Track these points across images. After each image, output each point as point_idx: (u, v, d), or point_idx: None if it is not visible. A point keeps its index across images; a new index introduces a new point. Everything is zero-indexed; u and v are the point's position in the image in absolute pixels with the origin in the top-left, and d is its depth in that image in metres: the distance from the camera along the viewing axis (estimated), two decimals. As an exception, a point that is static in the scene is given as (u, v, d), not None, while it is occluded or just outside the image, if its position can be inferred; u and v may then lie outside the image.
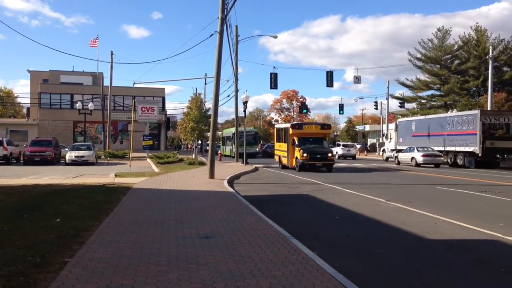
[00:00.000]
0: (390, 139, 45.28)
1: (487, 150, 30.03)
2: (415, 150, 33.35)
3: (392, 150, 40.99)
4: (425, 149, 33.19)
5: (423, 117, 41.18)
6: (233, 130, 43.13)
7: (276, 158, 32.16)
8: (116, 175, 20.77)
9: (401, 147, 38.32)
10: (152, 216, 9.82)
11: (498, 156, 31.40)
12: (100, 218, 9.33)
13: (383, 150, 45.48)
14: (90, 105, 44.11)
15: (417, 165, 32.22)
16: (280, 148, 30.67)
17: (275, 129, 37.40)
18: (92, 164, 30.61)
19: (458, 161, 32.25)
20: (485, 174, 25.07)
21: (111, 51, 45.93)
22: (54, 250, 6.53)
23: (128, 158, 26.91)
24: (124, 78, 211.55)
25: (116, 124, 55.18)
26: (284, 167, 28.59)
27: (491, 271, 6.34)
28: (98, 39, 51.08)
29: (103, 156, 37.97)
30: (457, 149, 32.47)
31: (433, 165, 31.98)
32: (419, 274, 6.21)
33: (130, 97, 52.13)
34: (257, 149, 52.20)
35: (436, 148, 33.77)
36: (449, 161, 33.24)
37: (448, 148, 33.47)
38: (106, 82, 50.04)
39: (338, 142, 58.21)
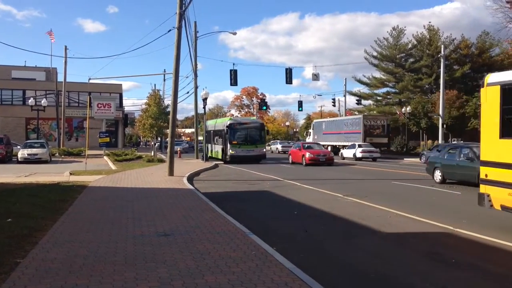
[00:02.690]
0: (309, 136, 53.76)
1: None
2: (356, 146, 37.26)
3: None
4: (364, 145, 37.91)
5: (330, 119, 53.68)
6: (225, 121, 34.39)
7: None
8: (71, 173, 20.19)
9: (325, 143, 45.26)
10: (109, 214, 9.62)
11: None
12: (54, 218, 9.06)
13: None
14: (44, 102, 42.59)
15: (358, 159, 36.08)
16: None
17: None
18: (45, 162, 29.65)
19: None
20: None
21: (65, 46, 44.32)
22: (5, 251, 6.30)
23: (84, 155, 26.24)
24: (79, 73, 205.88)
25: (71, 121, 53.62)
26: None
27: (443, 262, 6.59)
28: (52, 32, 49.36)
29: (57, 154, 36.82)
30: (349, 144, 40.73)
31: (371, 159, 36.15)
32: (375, 267, 6.38)
33: (85, 93, 50.68)
34: (264, 149, 33.76)
35: (338, 143, 43.96)
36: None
37: (345, 143, 42.32)
38: (60, 78, 48.52)
39: (276, 140, 70.76)
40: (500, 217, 10.37)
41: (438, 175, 17.47)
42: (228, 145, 31.26)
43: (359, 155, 36.14)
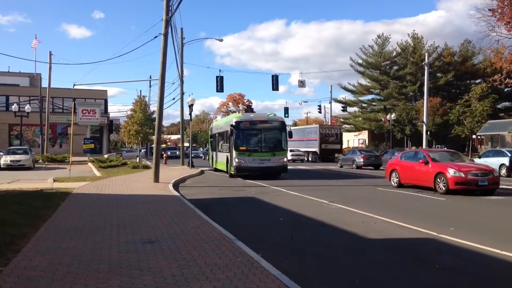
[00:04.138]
0: None
1: (323, 151, 46.79)
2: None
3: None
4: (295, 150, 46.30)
5: (297, 127, 59.48)
6: (231, 118, 25.32)
7: None
8: (54, 180, 19.95)
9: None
10: (93, 221, 9.51)
11: (330, 155, 45.92)
12: (37, 225, 8.93)
13: None
14: (27, 107, 42.15)
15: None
16: None
17: None
18: (29, 168, 29.29)
19: (310, 157, 47.88)
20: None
21: (50, 51, 44.35)
22: (-14, 260, 6.18)
23: (68, 162, 25.95)
24: (64, 79, 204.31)
25: (55, 127, 53.08)
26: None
27: (427, 268, 6.64)
28: (37, 39, 48.86)
29: (41, 160, 36.39)
30: (309, 149, 48.40)
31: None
32: (360, 273, 6.40)
33: (70, 99, 50.12)
34: (285, 158, 24.08)
35: (302, 149, 48.69)
36: (306, 158, 47.97)
37: (306, 149, 48.73)
38: (45, 84, 47.97)
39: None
40: (484, 223, 10.52)
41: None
42: (234, 152, 22.52)
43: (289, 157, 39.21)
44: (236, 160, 22.35)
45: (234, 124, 22.80)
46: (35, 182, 19.40)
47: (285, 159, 23.41)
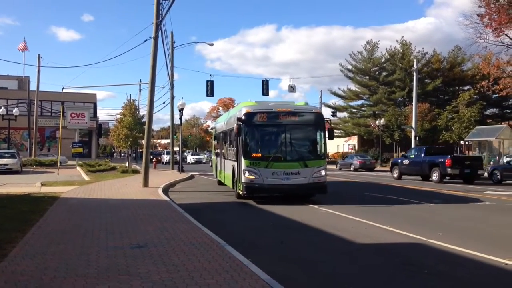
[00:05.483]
0: None
1: None
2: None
3: None
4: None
5: None
6: (240, 108, 16.23)
7: None
8: (42, 184, 19.74)
9: None
10: (81, 226, 9.43)
11: None
12: (24, 229, 8.83)
13: None
14: (15, 111, 41.79)
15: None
16: None
17: None
18: (16, 172, 28.97)
19: None
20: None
21: (39, 54, 43.60)
22: (-28, 265, 6.09)
23: (56, 166, 25.71)
24: (53, 82, 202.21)
25: (43, 130, 52.69)
26: None
27: (416, 273, 6.66)
28: (26, 42, 48.49)
29: (28, 164, 36.00)
30: None
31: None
32: (351, 278, 6.41)
33: (59, 103, 49.78)
34: (323, 171, 14.92)
35: None
36: None
37: None
38: (33, 87, 47.60)
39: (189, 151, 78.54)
40: (473, 228, 10.61)
41: None
42: (242, 161, 14.64)
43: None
44: (247, 173, 14.42)
45: (243, 117, 14.70)
46: (23, 186, 19.20)
47: (323, 173, 14.85)
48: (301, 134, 15.59)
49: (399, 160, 28.65)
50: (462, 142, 46.65)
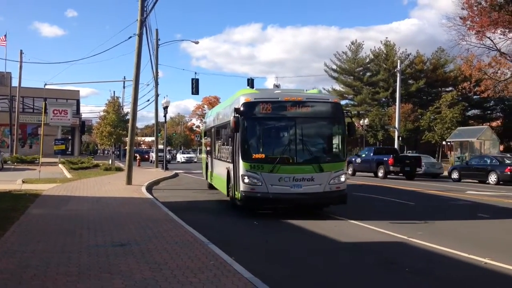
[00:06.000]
0: None
1: None
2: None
3: None
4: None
5: None
6: (237, 97, 12.50)
7: None
8: (23, 182, 19.44)
9: None
10: (62, 224, 9.32)
11: None
12: (4, 227, 8.68)
13: None
14: (-4, 107, 41.08)
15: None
16: None
17: None
18: (-4, 169, 28.48)
19: None
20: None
21: (21, 50, 43.01)
22: (-51, 263, 5.98)
23: (38, 163, 25.39)
24: (35, 78, 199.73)
25: (25, 127, 51.79)
26: None
27: (397, 271, 6.75)
28: (6, 36, 47.58)
29: (9, 161, 35.44)
30: None
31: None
32: (333, 275, 6.46)
33: (41, 99, 49.10)
34: (343, 176, 11.77)
35: None
36: None
37: None
38: (15, 83, 46.85)
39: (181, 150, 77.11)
40: (451, 228, 10.78)
41: None
42: (241, 163, 11.53)
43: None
44: (246, 179, 11.36)
45: (242, 108, 11.59)
46: (3, 183, 18.86)
47: (342, 178, 11.82)
48: (315, 130, 12.36)
49: (353, 159, 31.20)
50: (444, 142, 47.30)
